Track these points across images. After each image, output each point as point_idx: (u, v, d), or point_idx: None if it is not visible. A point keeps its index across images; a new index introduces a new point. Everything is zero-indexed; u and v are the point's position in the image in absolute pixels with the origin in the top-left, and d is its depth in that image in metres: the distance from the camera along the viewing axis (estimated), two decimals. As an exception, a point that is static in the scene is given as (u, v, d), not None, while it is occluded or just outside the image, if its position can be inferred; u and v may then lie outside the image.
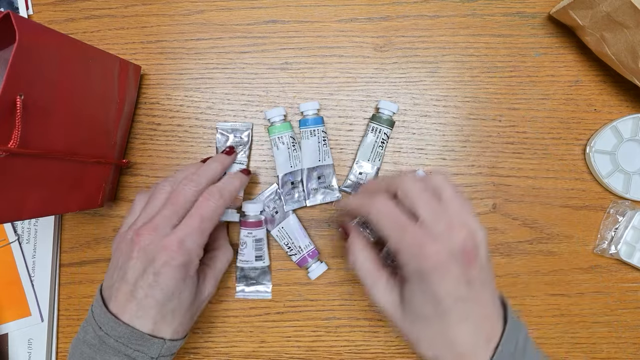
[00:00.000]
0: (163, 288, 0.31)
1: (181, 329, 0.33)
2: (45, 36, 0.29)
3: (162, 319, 0.32)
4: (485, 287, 0.28)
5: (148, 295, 0.31)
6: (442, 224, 0.27)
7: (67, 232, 0.44)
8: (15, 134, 0.27)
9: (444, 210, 0.28)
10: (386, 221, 0.29)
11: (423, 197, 0.29)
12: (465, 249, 0.27)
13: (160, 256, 0.30)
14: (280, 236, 0.42)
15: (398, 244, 0.28)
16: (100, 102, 0.37)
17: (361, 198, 0.32)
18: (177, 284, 0.31)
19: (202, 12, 0.44)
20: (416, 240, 0.27)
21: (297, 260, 0.42)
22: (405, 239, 0.27)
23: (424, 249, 0.26)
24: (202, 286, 0.35)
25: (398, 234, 0.28)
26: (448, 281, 0.26)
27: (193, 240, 0.31)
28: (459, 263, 0.27)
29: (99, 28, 0.44)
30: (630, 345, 0.43)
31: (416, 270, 0.27)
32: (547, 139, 0.43)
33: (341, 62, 0.44)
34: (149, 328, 0.31)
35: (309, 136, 0.41)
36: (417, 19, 0.44)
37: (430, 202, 0.28)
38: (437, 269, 0.26)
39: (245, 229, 0.41)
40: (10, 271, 0.43)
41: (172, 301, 0.31)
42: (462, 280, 0.27)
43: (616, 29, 0.35)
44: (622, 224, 0.42)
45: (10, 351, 0.43)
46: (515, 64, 0.43)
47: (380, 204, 0.29)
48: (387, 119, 0.41)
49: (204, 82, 0.44)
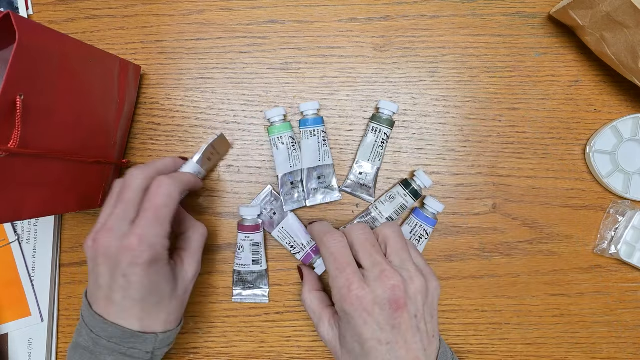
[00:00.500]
0: (137, 288, 0.30)
1: (172, 318, 0.33)
2: (45, 36, 0.29)
3: (148, 316, 0.32)
4: (416, 333, 0.29)
5: (125, 297, 0.30)
6: (376, 271, 0.29)
7: (67, 232, 0.44)
8: (15, 134, 0.27)
9: (381, 259, 0.30)
10: (330, 259, 0.31)
11: (365, 246, 0.31)
12: (392, 297, 0.28)
13: (124, 257, 0.30)
14: (281, 236, 0.42)
15: (332, 282, 0.30)
16: (100, 102, 0.37)
17: (321, 230, 0.34)
18: (151, 280, 0.31)
19: (202, 12, 0.44)
20: (347, 283, 0.29)
21: (302, 257, 0.42)
22: (339, 279, 0.30)
23: (350, 292, 0.29)
24: (182, 271, 0.34)
25: (335, 273, 0.30)
26: (370, 325, 0.28)
27: (153, 234, 0.30)
28: (384, 310, 0.28)
29: (99, 28, 0.44)
30: (630, 345, 0.43)
31: (342, 311, 0.30)
32: (547, 139, 0.43)
33: (341, 62, 0.44)
34: (137, 326, 0.31)
35: (309, 136, 0.41)
36: (417, 19, 0.44)
37: (369, 251, 0.31)
38: (359, 312, 0.28)
39: (242, 233, 0.41)
40: (10, 271, 0.43)
41: (151, 296, 0.31)
42: (386, 325, 0.28)
43: (616, 29, 0.35)
44: (622, 224, 0.42)
45: (10, 351, 0.43)
46: (515, 64, 0.43)
47: (332, 242, 0.32)
48: (387, 119, 0.41)
49: (204, 82, 0.44)
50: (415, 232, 0.41)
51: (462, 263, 0.43)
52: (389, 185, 0.43)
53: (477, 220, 0.43)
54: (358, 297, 0.29)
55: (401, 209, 0.41)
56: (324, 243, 0.32)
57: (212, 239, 0.44)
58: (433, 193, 0.43)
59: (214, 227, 0.44)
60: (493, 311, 0.43)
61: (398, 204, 0.41)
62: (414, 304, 0.29)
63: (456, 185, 0.43)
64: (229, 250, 0.43)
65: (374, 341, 0.28)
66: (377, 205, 0.41)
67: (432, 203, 0.41)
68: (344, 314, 0.29)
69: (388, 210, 0.41)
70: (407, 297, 0.29)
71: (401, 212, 0.41)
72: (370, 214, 0.41)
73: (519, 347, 0.43)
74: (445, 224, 0.43)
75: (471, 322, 0.43)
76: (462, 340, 0.43)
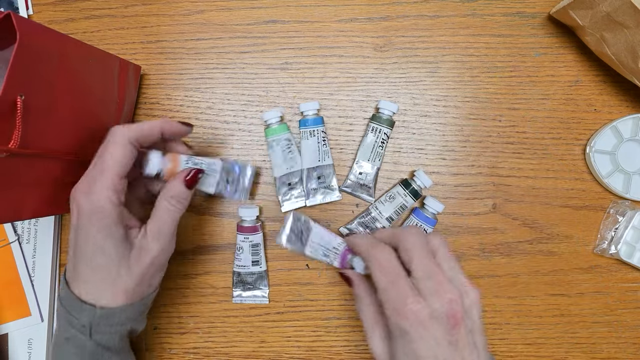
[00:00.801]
0: (80, 244, 0.29)
1: (119, 294, 0.30)
2: (45, 36, 0.29)
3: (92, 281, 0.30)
4: (473, 350, 0.27)
5: (73, 252, 0.30)
6: (432, 282, 0.27)
7: (67, 232, 0.44)
8: (15, 134, 0.27)
9: (438, 270, 0.28)
10: (379, 271, 0.29)
11: (420, 254, 0.29)
12: (450, 312, 0.27)
13: (73, 209, 0.29)
14: (314, 251, 0.37)
15: (383, 295, 0.28)
16: (100, 102, 0.37)
17: (365, 243, 0.32)
18: (94, 236, 0.29)
19: (202, 12, 0.44)
20: (401, 296, 0.27)
21: (339, 261, 0.37)
22: (392, 292, 0.28)
23: (405, 307, 0.27)
24: (144, 243, 0.31)
25: (386, 285, 0.28)
26: (427, 341, 0.26)
27: (98, 184, 0.29)
28: (441, 324, 0.26)
29: (99, 28, 0.44)
30: (630, 345, 0.43)
31: (395, 326, 0.27)
32: (547, 139, 0.43)
33: (341, 62, 0.44)
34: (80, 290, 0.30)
35: (309, 136, 0.41)
36: (417, 19, 0.44)
37: (425, 259, 0.29)
38: (416, 328, 0.26)
39: (241, 234, 0.41)
40: (10, 271, 0.43)
41: (95, 257, 0.29)
42: (443, 341, 0.26)
43: (616, 29, 0.35)
44: (622, 224, 0.42)
45: (10, 351, 0.43)
46: (515, 64, 0.43)
47: (379, 253, 0.30)
48: (387, 119, 0.41)
49: (204, 82, 0.44)
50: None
51: (462, 263, 0.43)
52: (389, 185, 0.43)
53: (477, 220, 0.43)
54: (413, 312, 0.26)
55: (401, 209, 0.41)
56: (372, 255, 0.30)
57: (212, 239, 0.44)
58: (433, 193, 0.43)
59: (214, 227, 0.44)
60: (493, 311, 0.43)
61: (398, 204, 0.41)
62: (470, 318, 0.28)
63: (456, 185, 0.43)
64: (229, 250, 0.43)
65: (431, 359, 0.26)
66: (377, 205, 0.41)
67: (432, 203, 0.41)
68: (398, 329, 0.27)
69: (388, 210, 0.41)
70: (464, 312, 0.27)
71: (401, 212, 0.41)
72: (370, 214, 0.41)
73: (519, 347, 0.43)
74: (445, 224, 0.43)
75: (471, 322, 0.43)
76: (462, 340, 0.43)
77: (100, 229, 0.29)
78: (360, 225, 0.42)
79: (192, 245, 0.44)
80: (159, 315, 0.43)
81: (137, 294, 0.32)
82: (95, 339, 0.30)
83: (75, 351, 0.30)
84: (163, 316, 0.43)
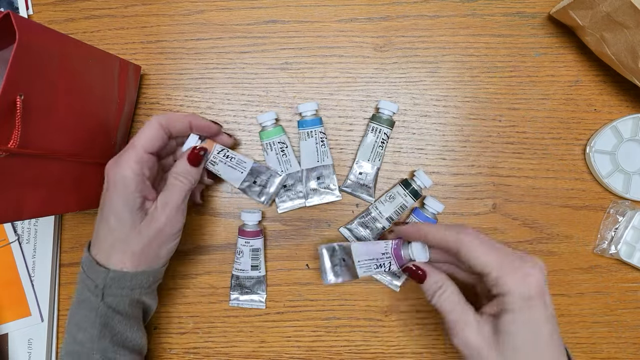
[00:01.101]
0: (103, 209, 0.33)
1: (128, 259, 0.33)
2: (45, 36, 0.29)
3: (105, 243, 0.33)
4: None
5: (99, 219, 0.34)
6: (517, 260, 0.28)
7: (67, 232, 0.44)
8: (15, 134, 0.27)
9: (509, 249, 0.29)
10: (483, 248, 0.28)
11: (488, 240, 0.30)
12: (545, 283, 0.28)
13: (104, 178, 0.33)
14: (367, 268, 0.35)
15: (501, 269, 0.28)
16: (100, 102, 0.37)
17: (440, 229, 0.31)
18: (115, 203, 0.32)
19: (202, 12, 0.44)
20: (522, 269, 0.27)
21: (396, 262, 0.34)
22: (509, 264, 0.28)
23: (529, 277, 0.27)
24: (153, 212, 0.34)
25: (499, 260, 0.28)
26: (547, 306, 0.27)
27: (125, 156, 0.33)
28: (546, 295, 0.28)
29: (99, 28, 0.44)
30: (630, 345, 0.43)
31: (520, 296, 0.27)
32: (547, 139, 0.43)
33: (341, 62, 0.44)
34: (96, 251, 0.34)
35: (307, 137, 0.41)
36: (417, 19, 0.44)
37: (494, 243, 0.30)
38: (541, 294, 0.27)
39: (242, 238, 0.41)
40: (10, 271, 0.43)
41: (111, 221, 0.33)
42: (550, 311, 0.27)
43: (616, 29, 0.35)
44: (622, 224, 0.42)
45: (10, 351, 0.43)
46: (515, 64, 0.43)
47: (472, 235, 0.29)
48: (387, 119, 0.41)
49: (204, 82, 0.44)
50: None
51: (462, 263, 0.43)
52: (389, 185, 0.43)
53: (477, 220, 0.43)
54: (537, 281, 0.27)
55: (401, 209, 0.41)
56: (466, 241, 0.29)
57: (212, 239, 0.44)
58: (433, 193, 0.43)
59: (214, 227, 0.44)
60: (493, 311, 0.43)
61: (398, 204, 0.41)
62: None
63: (456, 185, 0.43)
64: (229, 250, 0.43)
65: (550, 325, 0.27)
66: (377, 205, 0.41)
67: (432, 203, 0.41)
68: (525, 300, 0.27)
69: (388, 210, 0.41)
70: None
71: (401, 212, 0.41)
72: (370, 214, 0.41)
73: (519, 347, 0.43)
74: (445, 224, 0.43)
75: (471, 322, 0.43)
76: (462, 340, 0.43)
77: (120, 196, 0.32)
78: (360, 225, 0.42)
79: (192, 245, 0.44)
80: (159, 315, 0.43)
81: (143, 260, 0.34)
82: (106, 301, 0.33)
83: (87, 313, 0.33)
84: (163, 316, 0.43)
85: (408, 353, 0.43)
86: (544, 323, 0.27)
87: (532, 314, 0.27)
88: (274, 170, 0.41)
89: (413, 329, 0.43)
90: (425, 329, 0.43)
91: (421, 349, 0.43)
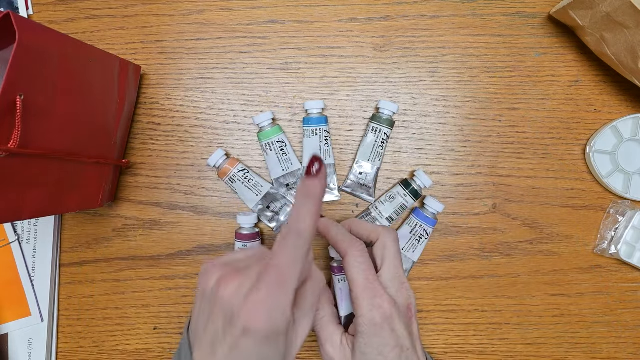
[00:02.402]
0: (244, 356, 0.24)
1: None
2: (45, 36, 0.29)
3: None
4: (419, 342, 0.32)
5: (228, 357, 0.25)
6: (396, 283, 0.32)
7: (67, 232, 0.44)
8: (15, 134, 0.27)
9: (401, 272, 0.33)
10: (358, 269, 0.31)
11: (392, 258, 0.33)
12: (407, 308, 0.31)
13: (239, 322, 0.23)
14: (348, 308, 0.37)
15: (361, 293, 0.30)
16: (100, 102, 0.37)
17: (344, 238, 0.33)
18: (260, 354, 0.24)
19: (202, 12, 0.44)
20: (377, 294, 0.30)
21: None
22: (369, 290, 0.30)
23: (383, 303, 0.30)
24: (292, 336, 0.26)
25: (365, 284, 0.31)
26: (397, 332, 0.30)
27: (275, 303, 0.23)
28: (403, 318, 0.31)
29: (99, 28, 0.44)
30: (630, 345, 0.43)
31: (371, 322, 0.30)
32: (547, 139, 0.43)
33: (341, 62, 0.44)
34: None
35: (311, 135, 0.41)
36: (417, 19, 0.44)
37: (395, 263, 0.33)
38: (389, 322, 0.30)
39: (240, 241, 0.41)
40: (10, 271, 0.43)
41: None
42: (405, 332, 0.30)
43: (616, 29, 0.35)
44: (622, 224, 0.42)
45: (10, 351, 0.43)
46: (515, 64, 0.43)
47: (357, 253, 0.32)
48: (387, 119, 0.41)
49: (204, 82, 0.44)
50: (415, 232, 0.41)
51: (462, 263, 0.43)
52: (389, 185, 0.43)
53: (477, 220, 0.43)
54: (386, 307, 0.30)
55: (401, 209, 0.41)
56: (351, 255, 0.32)
57: (212, 239, 0.44)
58: (433, 193, 0.43)
59: (214, 227, 0.44)
60: (493, 311, 0.43)
61: (398, 204, 0.41)
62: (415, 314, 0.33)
63: (456, 185, 0.43)
64: (229, 250, 0.43)
65: (398, 349, 0.30)
66: (377, 205, 0.41)
67: (432, 203, 0.41)
68: (372, 325, 0.30)
69: (388, 210, 0.41)
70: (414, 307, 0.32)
71: (401, 212, 0.41)
72: (370, 214, 0.41)
73: (519, 347, 0.43)
74: (445, 224, 0.43)
75: (471, 322, 0.43)
76: (462, 340, 0.43)
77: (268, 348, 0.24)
78: None
79: (192, 245, 0.44)
80: (159, 315, 0.43)
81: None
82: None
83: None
84: (163, 316, 0.43)
85: (408, 353, 0.43)
86: (392, 347, 0.29)
87: (379, 339, 0.30)
88: (289, 200, 0.42)
89: (413, 329, 0.43)
90: (425, 329, 0.43)
91: (421, 349, 0.43)
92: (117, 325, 0.44)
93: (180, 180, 0.44)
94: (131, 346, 0.44)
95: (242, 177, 0.41)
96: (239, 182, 0.41)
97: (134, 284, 0.44)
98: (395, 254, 0.33)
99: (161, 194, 0.44)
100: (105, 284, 0.44)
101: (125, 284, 0.44)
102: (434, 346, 0.43)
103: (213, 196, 0.44)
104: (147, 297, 0.44)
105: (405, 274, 0.42)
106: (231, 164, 0.41)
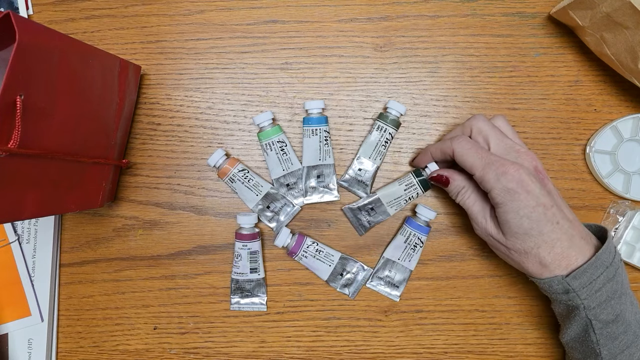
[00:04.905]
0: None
1: None
2: (45, 36, 0.29)
3: None
4: (563, 201, 0.34)
5: None
6: (512, 152, 0.34)
7: (67, 232, 0.44)
8: (15, 134, 0.27)
9: (512, 142, 0.34)
10: (470, 153, 0.34)
11: (493, 133, 0.35)
12: (536, 169, 0.34)
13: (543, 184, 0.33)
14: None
15: (483, 169, 0.33)
16: (100, 102, 0.37)
17: (440, 143, 0.37)
18: None
19: (202, 12, 0.44)
20: (499, 165, 0.32)
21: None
22: (492, 166, 0.32)
23: (507, 171, 0.31)
24: None
25: (482, 162, 0.33)
26: (533, 193, 0.31)
27: None
28: (536, 179, 0.32)
29: (99, 28, 0.44)
30: (630, 345, 0.43)
31: (504, 190, 0.32)
32: (547, 139, 0.43)
33: (341, 62, 0.44)
34: None
35: (311, 135, 0.41)
36: (417, 19, 0.44)
37: (499, 136, 0.35)
38: (520, 185, 0.31)
39: (240, 242, 0.41)
40: (10, 271, 0.43)
41: None
42: (543, 191, 0.32)
43: (616, 29, 0.35)
44: (622, 224, 0.42)
45: (10, 351, 0.43)
46: (515, 64, 0.43)
47: (462, 142, 0.35)
48: (393, 119, 0.41)
49: (204, 82, 0.44)
50: (410, 241, 0.41)
51: (462, 263, 0.43)
52: (389, 185, 0.43)
53: (477, 220, 0.43)
54: (514, 173, 0.31)
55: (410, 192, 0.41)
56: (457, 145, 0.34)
57: (212, 239, 0.44)
58: (433, 193, 0.43)
59: (214, 227, 0.44)
60: (493, 311, 0.43)
61: (407, 195, 0.40)
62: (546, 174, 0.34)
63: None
64: (229, 250, 0.43)
65: (540, 207, 0.31)
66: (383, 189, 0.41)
67: (424, 211, 0.40)
68: (505, 192, 0.32)
69: (398, 192, 0.41)
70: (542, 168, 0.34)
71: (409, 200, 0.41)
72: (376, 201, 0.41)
73: (519, 347, 0.43)
74: (445, 224, 0.43)
75: (471, 322, 0.43)
76: (462, 340, 0.43)
77: None
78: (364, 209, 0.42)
79: (192, 245, 0.44)
80: (159, 315, 0.43)
81: None
82: None
83: None
84: (163, 316, 0.43)
85: (408, 353, 0.43)
86: (533, 207, 0.31)
87: (517, 203, 0.31)
88: (289, 200, 0.42)
89: (413, 329, 0.43)
90: (425, 329, 0.43)
91: (421, 349, 0.43)
92: (117, 325, 0.44)
93: (180, 180, 0.44)
94: (131, 346, 0.44)
95: (242, 177, 0.41)
96: (239, 182, 0.41)
97: (134, 284, 0.44)
98: (492, 128, 0.35)
99: (161, 194, 0.44)
100: (105, 284, 0.44)
101: (125, 284, 0.44)
102: (434, 346, 0.43)
103: (213, 196, 0.44)
104: (147, 297, 0.44)
105: (404, 282, 0.42)
106: (231, 164, 0.41)
